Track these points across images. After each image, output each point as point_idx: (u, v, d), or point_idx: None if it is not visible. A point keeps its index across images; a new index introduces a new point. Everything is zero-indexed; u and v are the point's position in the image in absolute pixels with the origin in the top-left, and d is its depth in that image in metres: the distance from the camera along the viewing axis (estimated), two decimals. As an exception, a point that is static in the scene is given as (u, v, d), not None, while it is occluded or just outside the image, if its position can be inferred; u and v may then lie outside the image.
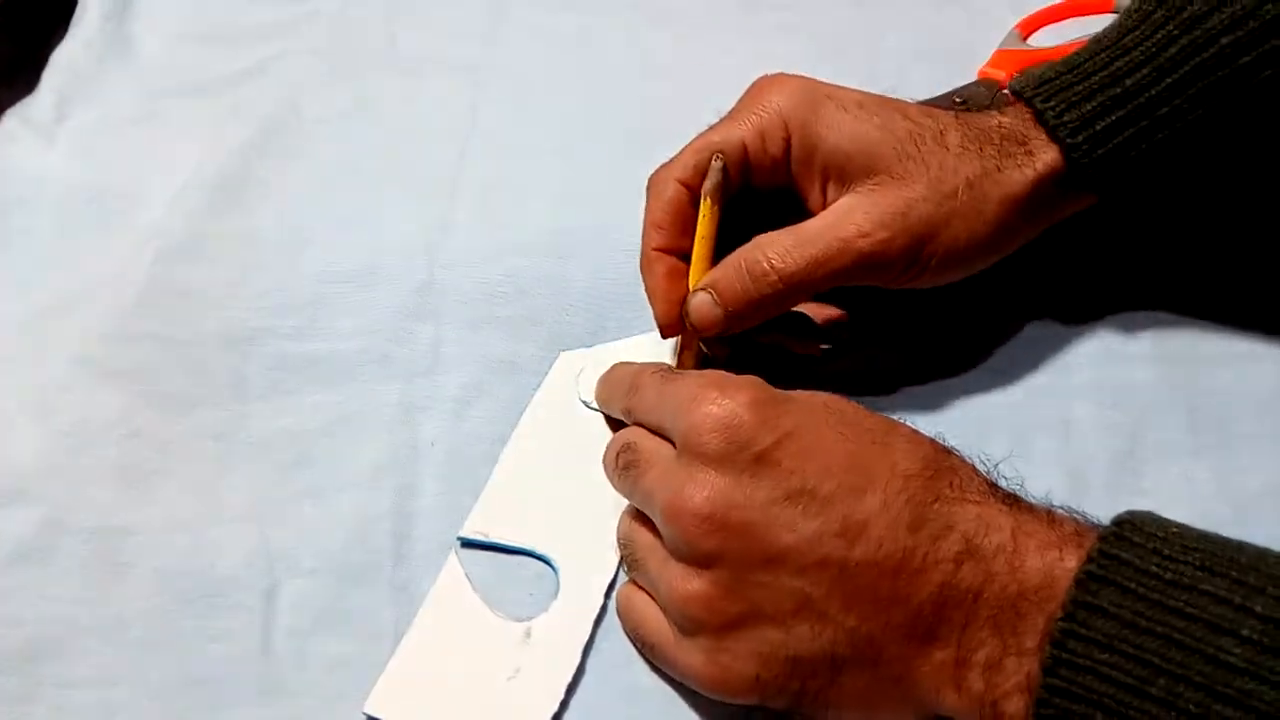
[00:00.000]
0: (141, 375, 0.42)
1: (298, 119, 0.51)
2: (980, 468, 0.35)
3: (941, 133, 0.39)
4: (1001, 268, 0.41)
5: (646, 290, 0.41)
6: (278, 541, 0.39)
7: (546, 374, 0.43)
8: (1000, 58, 0.52)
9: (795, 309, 0.41)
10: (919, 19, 0.56)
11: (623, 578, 0.38)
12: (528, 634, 0.37)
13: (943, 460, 0.34)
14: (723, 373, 0.36)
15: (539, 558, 0.39)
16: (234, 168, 0.49)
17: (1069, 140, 0.39)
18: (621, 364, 0.41)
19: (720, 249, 0.39)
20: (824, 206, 0.39)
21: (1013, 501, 0.33)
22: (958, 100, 0.50)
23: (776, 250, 0.38)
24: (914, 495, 0.32)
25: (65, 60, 0.54)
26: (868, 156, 0.38)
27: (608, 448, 0.39)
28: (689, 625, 0.34)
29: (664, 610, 0.35)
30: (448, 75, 0.54)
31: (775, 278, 0.38)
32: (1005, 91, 0.50)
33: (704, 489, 0.33)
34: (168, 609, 0.37)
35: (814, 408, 0.35)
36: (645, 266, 0.41)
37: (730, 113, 0.40)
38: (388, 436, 0.42)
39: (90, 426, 0.41)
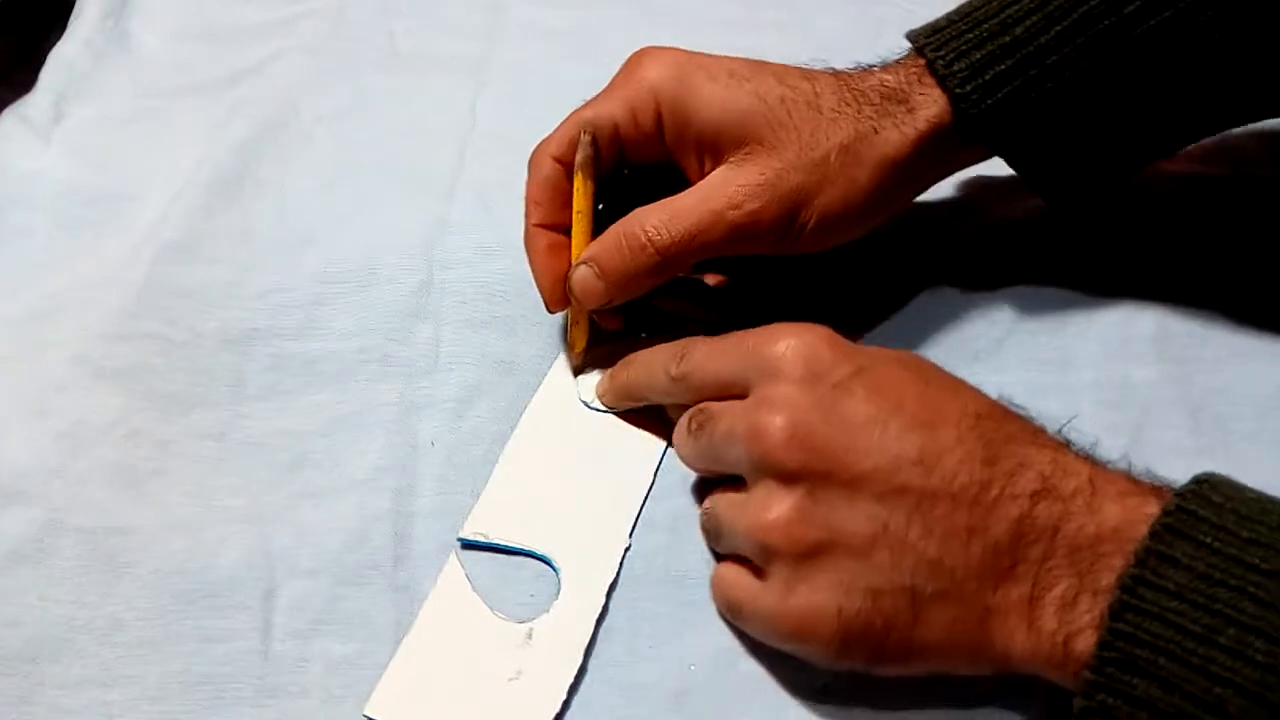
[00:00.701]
0: (140, 375, 0.42)
1: (297, 118, 0.51)
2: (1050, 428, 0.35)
3: (816, 96, 0.39)
4: (1002, 267, 0.41)
5: (530, 266, 0.41)
6: (277, 542, 0.39)
7: (546, 374, 0.43)
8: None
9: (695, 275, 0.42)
10: (915, 18, 0.56)
11: (628, 577, 0.38)
12: (529, 635, 0.37)
13: (1012, 410, 0.35)
14: (788, 322, 0.37)
15: (539, 558, 0.39)
16: (233, 167, 0.49)
17: (957, 90, 0.39)
18: (637, 353, 0.41)
19: (606, 222, 0.40)
20: (701, 178, 0.40)
21: (1088, 455, 0.34)
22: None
23: (652, 223, 0.39)
24: (987, 433, 0.33)
25: (63, 59, 0.54)
26: (739, 126, 0.39)
27: (677, 429, 0.39)
28: (768, 556, 0.34)
29: (744, 548, 0.35)
30: (447, 73, 0.54)
31: (652, 250, 0.39)
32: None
33: (786, 408, 0.34)
34: (166, 609, 0.37)
35: (884, 353, 0.36)
36: (527, 242, 0.41)
37: (606, 87, 0.41)
38: (387, 437, 0.41)
39: (88, 426, 0.41)
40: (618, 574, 0.38)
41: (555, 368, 0.43)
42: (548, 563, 0.38)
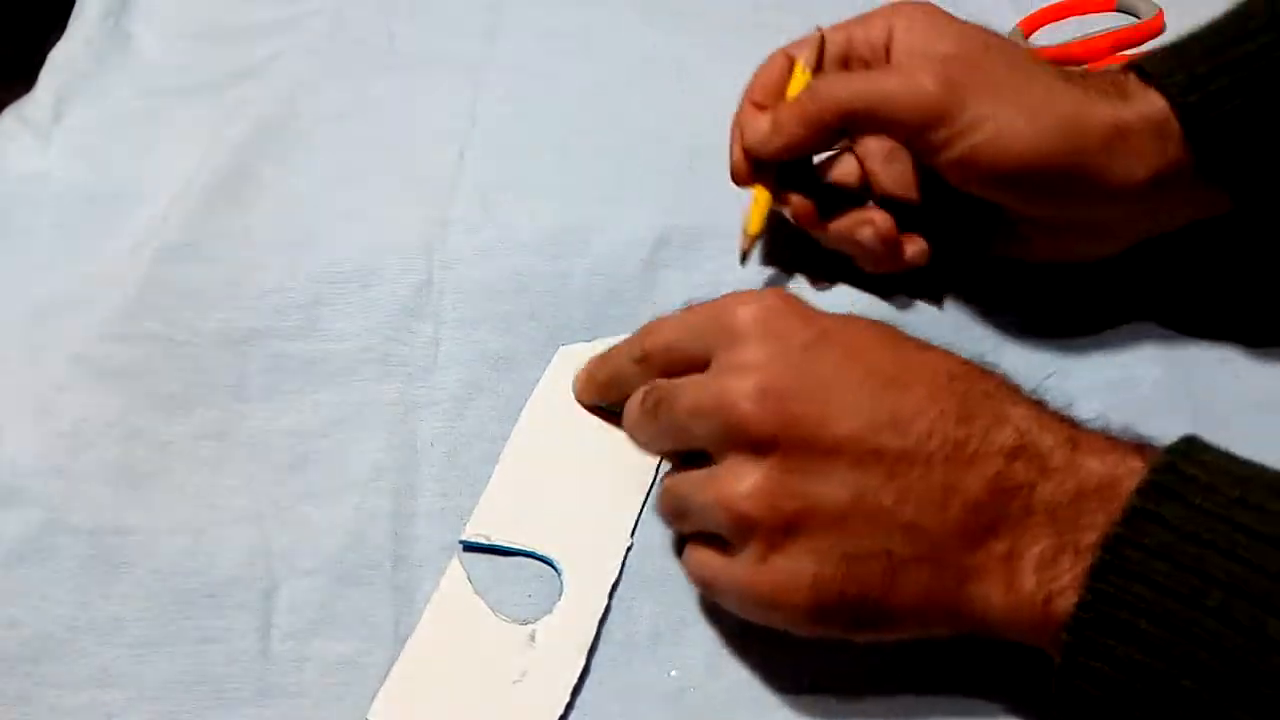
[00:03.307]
0: (141, 375, 0.42)
1: (297, 118, 0.51)
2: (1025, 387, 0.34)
3: (1033, 54, 0.40)
4: (1002, 268, 0.41)
5: (730, 137, 0.43)
6: (277, 542, 0.39)
7: (544, 372, 0.43)
8: (1001, 57, 0.51)
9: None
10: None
11: (631, 575, 0.38)
12: (532, 637, 0.37)
13: (985, 368, 0.34)
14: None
15: (541, 559, 0.38)
16: (233, 167, 0.49)
17: (1180, 100, 0.37)
18: (598, 354, 0.41)
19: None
20: None
21: (1064, 415, 0.33)
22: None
23: (833, 77, 0.41)
24: (961, 390, 0.32)
25: (64, 59, 0.54)
26: (961, 54, 0.38)
27: (626, 411, 0.38)
28: (742, 530, 0.33)
29: (715, 524, 0.34)
30: (447, 74, 0.53)
31: (825, 97, 0.39)
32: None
33: (755, 373, 0.33)
34: (166, 610, 0.37)
35: (847, 316, 0.35)
36: (738, 115, 0.43)
37: (851, 19, 0.42)
38: (387, 436, 0.41)
39: (89, 427, 0.41)
40: (620, 574, 0.38)
41: (554, 363, 0.43)
42: (549, 563, 0.38)
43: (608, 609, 0.37)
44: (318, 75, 0.53)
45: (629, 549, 0.38)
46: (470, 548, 0.39)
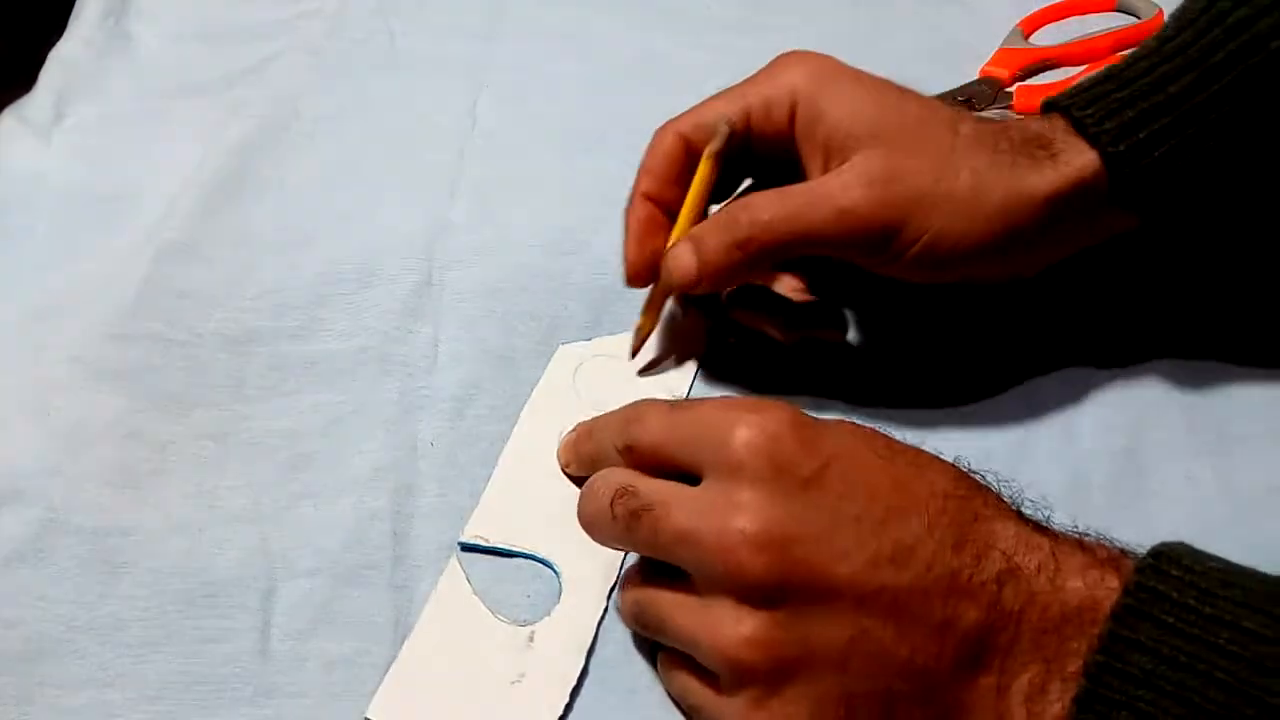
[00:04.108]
0: (140, 375, 0.42)
1: (297, 118, 0.51)
2: (1005, 492, 0.33)
3: (956, 121, 0.38)
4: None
5: (624, 234, 0.41)
6: (276, 542, 0.39)
7: (543, 373, 0.43)
8: (1002, 56, 0.52)
9: (779, 294, 0.41)
10: (919, 18, 0.56)
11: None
12: (531, 638, 0.37)
13: (973, 480, 0.33)
14: (750, 398, 0.34)
15: (540, 561, 0.38)
16: (233, 167, 0.49)
17: (1110, 149, 0.36)
18: (595, 420, 0.39)
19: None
20: None
21: (1043, 526, 0.32)
22: (960, 99, 0.50)
23: (757, 204, 0.37)
24: (954, 514, 0.31)
25: (63, 58, 0.54)
26: (870, 130, 0.37)
27: (589, 496, 0.36)
28: (738, 675, 0.31)
29: (706, 662, 0.32)
30: (447, 74, 0.54)
31: (752, 231, 0.37)
32: (1009, 91, 0.50)
33: (754, 516, 0.31)
34: (166, 609, 0.37)
35: (847, 432, 0.33)
36: (629, 210, 0.41)
37: (743, 81, 0.40)
38: (387, 436, 0.41)
39: (88, 427, 0.41)
40: (618, 576, 0.38)
41: (554, 362, 0.43)
42: (548, 565, 0.38)
43: (606, 610, 0.37)
44: (318, 75, 0.53)
45: (628, 551, 0.38)
46: (468, 549, 0.39)
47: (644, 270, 0.40)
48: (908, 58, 0.53)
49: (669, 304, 0.43)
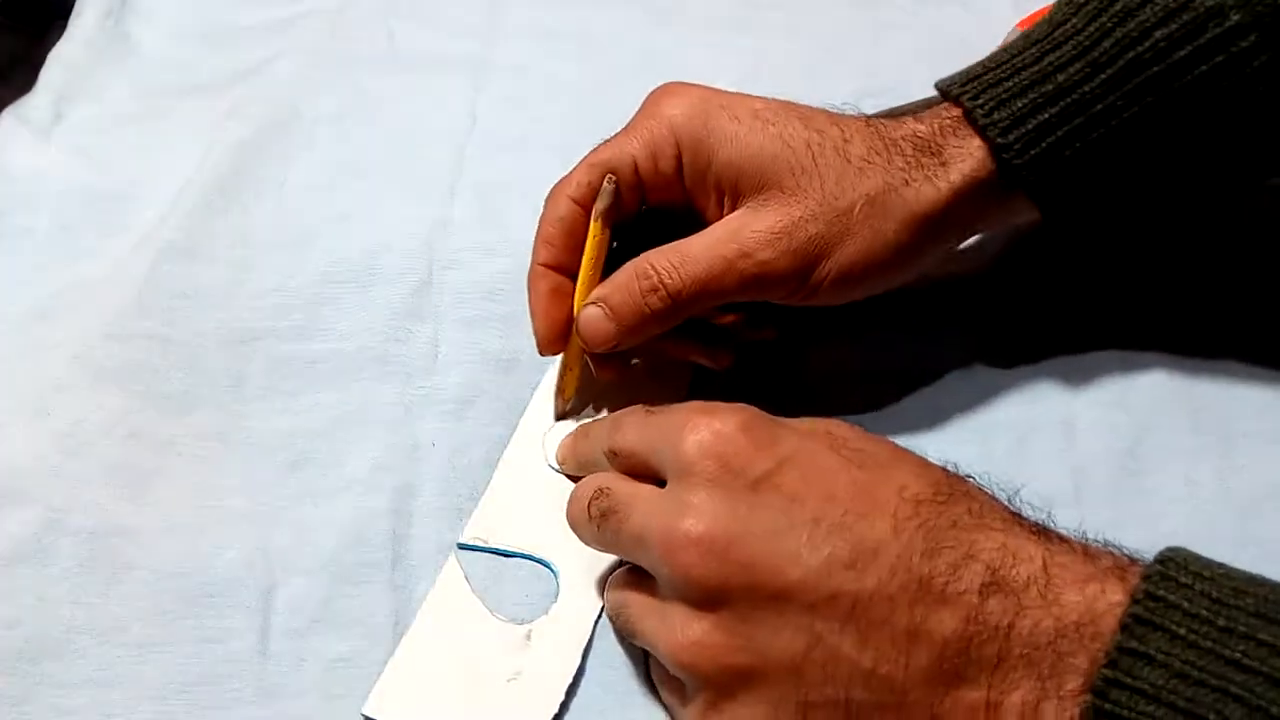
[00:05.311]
0: (140, 375, 0.42)
1: (297, 118, 0.51)
2: (1000, 495, 0.33)
3: (845, 142, 0.37)
4: (1003, 268, 0.41)
5: (529, 305, 0.40)
6: (276, 542, 0.39)
7: (544, 375, 0.43)
8: (1001, 57, 0.51)
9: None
10: (919, 18, 0.56)
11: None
12: (528, 636, 0.37)
13: (956, 486, 0.32)
14: (712, 402, 0.34)
15: (538, 562, 0.39)
16: (233, 167, 0.49)
17: (999, 140, 0.36)
18: (591, 423, 0.40)
19: (618, 262, 0.39)
20: (719, 220, 0.38)
21: (1040, 531, 0.31)
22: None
23: (663, 265, 0.37)
24: (927, 520, 0.30)
25: (63, 59, 0.54)
26: (759, 170, 0.37)
27: (574, 498, 0.36)
28: (691, 679, 0.31)
29: (666, 665, 0.33)
30: (447, 74, 0.53)
31: (664, 293, 0.37)
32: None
33: (699, 518, 0.31)
34: (166, 609, 0.37)
35: (813, 433, 0.33)
36: (531, 282, 0.40)
37: (625, 127, 0.40)
38: (387, 437, 0.41)
39: (89, 426, 0.41)
40: (617, 574, 0.38)
41: (552, 368, 0.43)
42: (547, 565, 0.38)
43: (603, 610, 0.37)
44: (318, 75, 0.53)
45: (605, 551, 0.38)
46: (467, 550, 0.39)
47: (556, 339, 0.40)
48: (906, 58, 0.53)
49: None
